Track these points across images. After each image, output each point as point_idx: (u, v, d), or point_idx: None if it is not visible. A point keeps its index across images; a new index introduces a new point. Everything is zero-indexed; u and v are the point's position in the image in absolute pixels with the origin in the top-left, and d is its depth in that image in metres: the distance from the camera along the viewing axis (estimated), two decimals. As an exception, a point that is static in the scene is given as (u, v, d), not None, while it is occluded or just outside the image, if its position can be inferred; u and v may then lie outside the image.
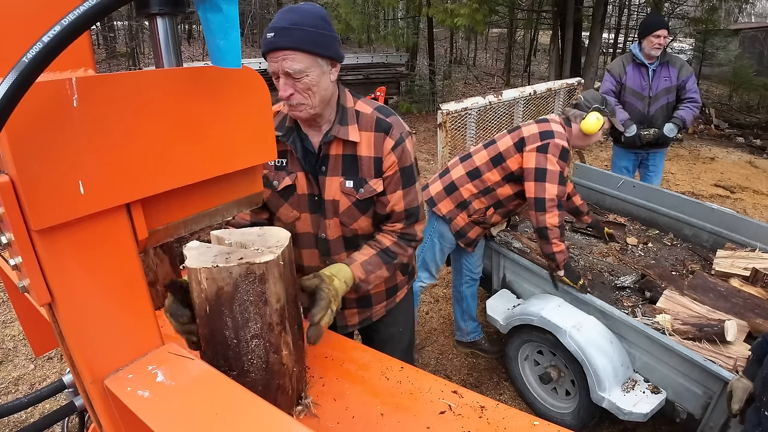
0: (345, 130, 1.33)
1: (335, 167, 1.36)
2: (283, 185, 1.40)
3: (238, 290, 0.92)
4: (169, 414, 0.71)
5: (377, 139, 1.33)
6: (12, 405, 1.09)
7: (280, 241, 1.01)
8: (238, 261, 0.92)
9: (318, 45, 1.19)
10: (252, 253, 0.96)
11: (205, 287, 0.93)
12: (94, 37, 12.91)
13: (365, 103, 1.40)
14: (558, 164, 2.29)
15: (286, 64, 1.18)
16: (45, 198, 0.63)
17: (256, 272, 0.93)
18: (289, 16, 1.18)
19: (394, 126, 1.35)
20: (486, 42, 19.58)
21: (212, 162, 0.82)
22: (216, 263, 0.91)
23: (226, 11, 0.69)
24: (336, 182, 1.36)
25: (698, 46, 14.18)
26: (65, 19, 0.52)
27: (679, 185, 6.34)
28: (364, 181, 1.35)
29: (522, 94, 3.65)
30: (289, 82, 1.21)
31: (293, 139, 1.36)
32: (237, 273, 0.91)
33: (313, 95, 1.24)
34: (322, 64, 1.22)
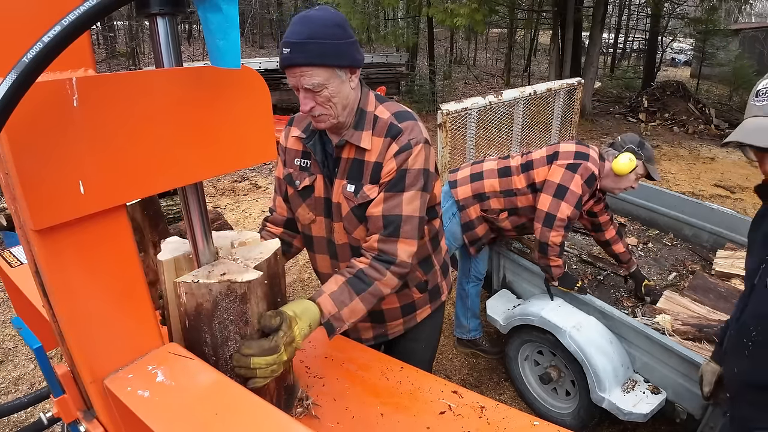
0: (358, 135, 1.29)
1: (344, 170, 1.32)
2: (303, 185, 1.39)
3: (218, 308, 0.88)
4: (169, 414, 0.71)
5: (384, 145, 1.27)
6: (12, 405, 1.09)
7: (262, 254, 0.96)
8: (219, 277, 0.87)
9: (334, 56, 1.16)
10: (237, 267, 0.92)
11: (184, 301, 0.89)
12: (94, 37, 12.91)
13: (387, 107, 1.32)
14: (582, 188, 2.25)
15: (304, 80, 1.16)
16: (45, 198, 0.63)
17: (237, 291, 0.88)
18: (303, 29, 1.14)
19: (404, 132, 1.26)
20: (486, 42, 19.58)
21: (212, 162, 0.82)
22: (197, 278, 0.87)
23: (225, 11, 0.69)
24: (340, 185, 1.33)
25: (698, 46, 14.18)
26: (65, 19, 0.52)
27: (679, 185, 6.34)
28: (362, 186, 1.30)
29: (522, 94, 3.64)
30: (309, 96, 1.19)
31: (314, 142, 1.34)
32: (217, 290, 0.87)
33: (335, 106, 1.22)
34: (340, 75, 1.20)
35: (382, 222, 1.25)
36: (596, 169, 2.28)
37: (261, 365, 0.94)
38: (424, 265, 1.51)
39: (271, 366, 0.95)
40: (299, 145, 1.40)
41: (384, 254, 1.24)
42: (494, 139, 3.76)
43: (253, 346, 0.93)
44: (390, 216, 1.24)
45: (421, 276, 1.50)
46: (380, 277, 1.22)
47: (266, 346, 0.94)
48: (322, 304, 1.14)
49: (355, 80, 1.25)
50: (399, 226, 1.24)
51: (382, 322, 1.54)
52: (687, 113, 9.66)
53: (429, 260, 1.52)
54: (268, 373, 0.95)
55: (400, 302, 1.51)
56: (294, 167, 1.41)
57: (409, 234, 1.26)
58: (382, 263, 1.23)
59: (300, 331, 1.04)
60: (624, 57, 19.19)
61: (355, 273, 1.22)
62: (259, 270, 0.93)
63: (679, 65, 19.62)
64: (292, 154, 1.42)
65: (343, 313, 1.16)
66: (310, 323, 1.08)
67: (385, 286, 1.23)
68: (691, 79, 14.46)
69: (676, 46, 19.52)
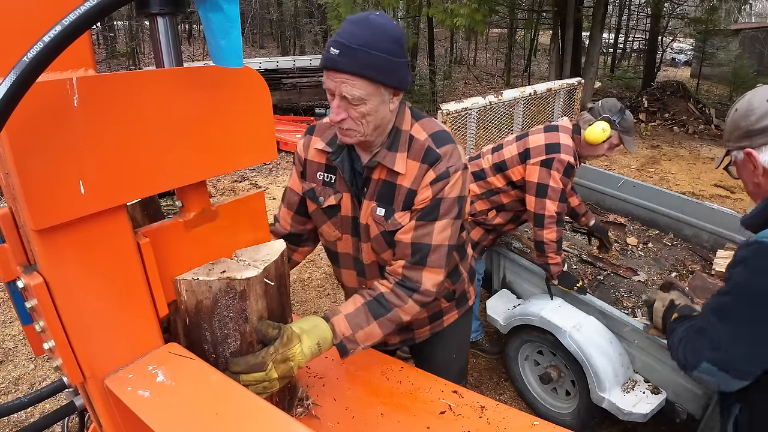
0: (392, 157, 1.19)
1: (373, 192, 1.24)
2: (328, 204, 1.30)
3: (218, 305, 0.89)
4: (169, 414, 0.71)
5: (420, 171, 1.18)
6: (12, 405, 1.09)
7: (269, 255, 0.96)
8: (219, 275, 0.88)
9: (384, 73, 1.07)
10: (236, 266, 0.92)
11: (184, 299, 0.89)
12: (94, 37, 12.91)
13: (424, 126, 1.23)
14: (561, 181, 2.23)
15: (344, 88, 1.06)
16: (45, 198, 0.63)
17: (236, 288, 0.88)
18: (360, 33, 1.05)
19: (443, 158, 1.17)
20: (486, 42, 19.58)
21: (212, 162, 0.82)
22: (197, 275, 0.88)
23: (226, 11, 0.69)
24: (369, 206, 1.25)
25: (698, 46, 14.17)
26: (66, 19, 0.52)
27: (679, 185, 6.34)
28: (393, 211, 1.22)
29: (522, 94, 3.64)
30: (343, 106, 1.10)
31: (342, 159, 1.24)
32: (217, 288, 0.87)
33: (367, 124, 1.13)
34: (383, 93, 1.11)
35: (410, 249, 1.19)
36: (570, 156, 2.25)
37: (250, 382, 0.93)
38: (452, 276, 1.46)
39: (261, 383, 0.93)
40: (323, 158, 1.30)
41: (408, 281, 1.19)
42: (494, 139, 3.76)
43: (240, 362, 0.93)
44: (419, 244, 1.19)
45: (449, 286, 1.46)
46: (401, 304, 1.18)
47: (252, 362, 0.93)
48: (335, 324, 1.11)
49: (396, 102, 1.16)
50: (426, 255, 1.19)
51: (409, 330, 1.51)
52: (687, 113, 9.66)
53: (457, 270, 1.48)
54: (260, 389, 0.94)
55: (428, 312, 1.48)
56: (317, 181, 1.31)
57: (437, 263, 1.20)
58: (405, 290, 1.19)
59: (305, 350, 1.01)
60: (624, 57, 19.19)
61: (375, 296, 1.18)
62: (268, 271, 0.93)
63: (679, 65, 19.62)
64: (314, 167, 1.32)
65: (358, 336, 1.13)
66: (318, 341, 1.05)
67: (405, 313, 1.19)
68: (691, 79, 14.46)
69: (676, 46, 19.52)
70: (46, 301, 0.68)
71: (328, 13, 11.08)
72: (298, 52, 17.23)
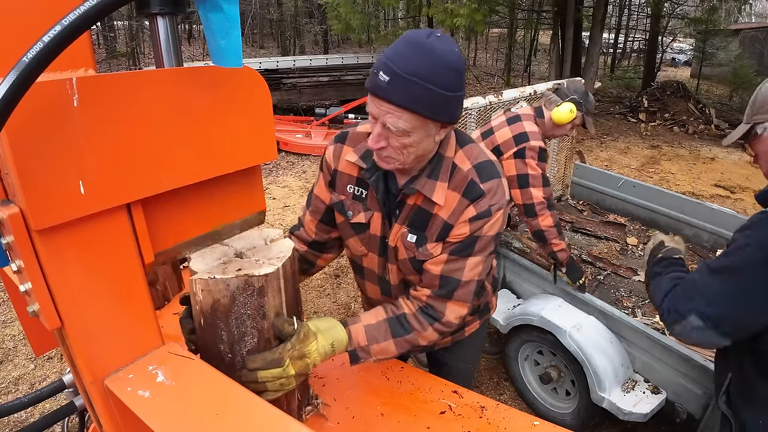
0: (431, 186, 1.12)
1: (406, 216, 1.19)
2: (357, 220, 1.25)
3: (235, 303, 0.88)
4: (169, 414, 0.71)
5: (459, 205, 1.12)
6: (12, 405, 1.09)
7: (282, 252, 0.96)
8: (236, 272, 0.87)
9: (436, 109, 0.98)
10: (251, 264, 0.91)
11: (200, 299, 0.88)
12: (94, 37, 12.91)
13: (468, 153, 1.15)
14: (538, 167, 2.26)
15: (389, 118, 0.98)
16: (45, 198, 0.63)
17: (254, 285, 0.87)
18: (417, 61, 0.93)
19: (486, 195, 1.11)
20: (486, 42, 19.57)
21: (212, 162, 0.82)
22: (213, 274, 0.86)
23: (226, 11, 0.69)
24: (401, 231, 1.20)
25: (698, 46, 14.17)
26: (65, 19, 0.52)
27: (679, 185, 6.34)
28: (425, 240, 1.17)
29: (522, 94, 3.64)
30: (384, 134, 1.02)
31: (377, 178, 1.18)
32: (234, 285, 0.86)
33: (408, 155, 1.05)
34: (431, 128, 1.02)
35: (438, 282, 1.15)
36: (540, 141, 2.27)
37: (268, 378, 0.92)
38: (478, 293, 1.41)
39: (278, 379, 0.93)
40: (354, 171, 1.23)
41: (431, 309, 1.16)
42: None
43: (258, 359, 0.92)
44: (448, 278, 1.15)
45: (474, 303, 1.41)
46: (421, 330, 1.15)
47: (269, 358, 0.92)
48: (353, 332, 1.09)
49: (442, 134, 1.07)
50: (454, 289, 1.15)
51: None
52: (687, 113, 9.66)
53: (482, 285, 1.45)
54: (278, 386, 0.93)
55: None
56: (346, 194, 1.25)
57: (463, 298, 1.17)
58: (427, 317, 1.16)
59: (319, 348, 0.99)
60: (624, 57, 19.18)
61: (397, 315, 1.16)
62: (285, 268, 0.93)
63: (679, 65, 19.62)
64: (345, 179, 1.25)
65: (373, 349, 1.11)
66: (333, 342, 1.03)
67: (423, 339, 1.16)
68: (691, 79, 14.46)
69: (676, 46, 19.51)
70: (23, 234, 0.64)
71: (328, 13, 11.08)
72: (298, 52, 17.23)
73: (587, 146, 7.87)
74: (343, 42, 19.83)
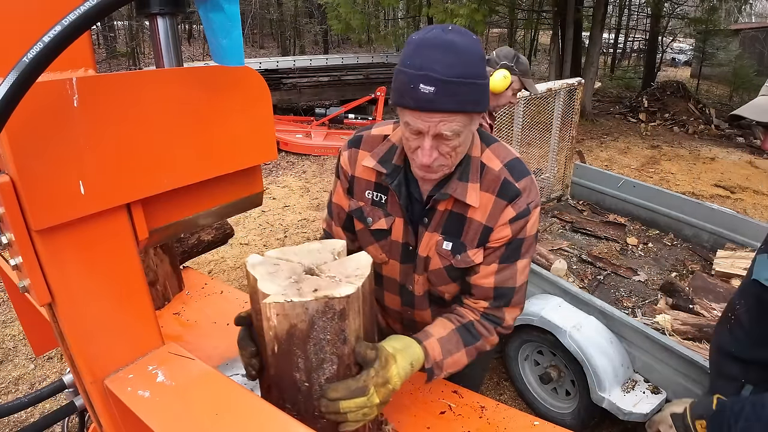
0: (464, 188, 1.08)
1: (438, 224, 1.14)
2: (377, 226, 1.20)
3: (314, 328, 0.79)
4: (169, 414, 0.71)
5: (496, 206, 1.09)
6: (12, 405, 1.09)
7: (360, 269, 0.86)
8: (314, 294, 0.78)
9: (479, 102, 0.95)
10: (327, 283, 0.82)
11: (274, 324, 0.79)
12: (94, 37, 12.91)
13: (496, 152, 1.13)
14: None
15: (442, 126, 0.93)
16: (45, 198, 0.63)
17: (335, 308, 0.78)
18: (452, 61, 0.90)
19: (523, 194, 1.08)
20: (486, 42, 19.57)
21: (212, 162, 0.82)
22: (288, 297, 0.77)
23: (227, 10, 0.69)
24: (434, 239, 1.15)
25: (698, 46, 14.18)
26: (65, 19, 0.52)
27: (679, 185, 6.34)
28: (463, 247, 1.13)
29: (522, 94, 3.64)
30: (435, 145, 0.98)
31: (398, 183, 1.13)
32: (314, 309, 0.77)
33: (456, 156, 1.02)
34: (475, 122, 1.01)
35: (494, 294, 1.14)
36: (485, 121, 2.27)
37: (351, 408, 0.83)
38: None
39: (362, 409, 0.84)
40: (372, 176, 1.19)
41: (493, 316, 1.15)
42: (494, 139, 3.76)
43: (340, 388, 0.83)
44: (503, 288, 1.13)
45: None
46: (488, 336, 1.14)
47: (353, 386, 0.84)
48: (429, 347, 1.03)
49: (477, 125, 1.04)
50: (511, 298, 1.15)
51: None
52: (687, 113, 9.66)
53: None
54: (360, 416, 0.85)
55: None
56: (365, 200, 1.21)
57: (519, 301, 1.17)
58: (491, 322, 1.14)
59: (399, 371, 0.91)
60: (624, 57, 19.19)
61: (464, 324, 1.12)
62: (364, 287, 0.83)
63: (679, 65, 19.62)
64: (363, 184, 1.21)
65: (446, 363, 1.06)
66: (411, 362, 0.97)
67: (489, 344, 1.15)
68: (691, 79, 14.47)
69: (676, 46, 19.52)
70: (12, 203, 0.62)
71: (328, 13, 11.08)
72: (298, 52, 17.24)
73: (587, 146, 7.87)
74: (343, 42, 19.84)
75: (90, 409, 0.88)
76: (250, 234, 4.73)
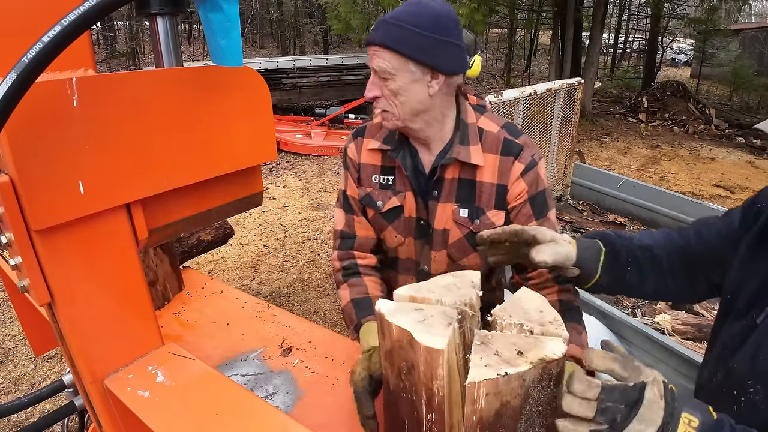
0: (467, 151, 1.12)
1: (450, 192, 1.16)
2: (389, 206, 1.21)
3: (527, 401, 0.64)
4: (168, 414, 0.71)
5: (503, 164, 1.13)
6: (12, 405, 1.09)
7: (544, 311, 0.72)
8: (524, 359, 0.63)
9: (411, 47, 1.01)
10: (526, 340, 0.67)
11: (481, 407, 0.62)
12: (94, 37, 12.91)
13: (490, 119, 1.19)
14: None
15: (374, 60, 1.04)
16: (45, 198, 0.63)
17: (552, 372, 0.64)
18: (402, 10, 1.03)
19: (525, 148, 1.13)
20: (486, 42, 19.57)
21: (212, 162, 0.82)
22: (500, 369, 0.61)
23: (226, 10, 0.69)
24: (449, 209, 1.17)
25: (698, 46, 14.18)
26: (65, 19, 0.52)
27: (679, 185, 6.34)
28: (481, 211, 1.15)
29: (522, 94, 3.64)
30: (377, 82, 1.07)
31: (403, 155, 1.17)
32: (531, 378, 0.62)
33: (400, 105, 1.06)
34: (414, 71, 1.03)
35: None
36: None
37: None
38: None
39: None
40: (377, 159, 1.23)
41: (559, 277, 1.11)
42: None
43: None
44: None
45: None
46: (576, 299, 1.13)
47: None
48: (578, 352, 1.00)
49: (436, 86, 1.06)
50: None
51: None
52: (687, 113, 9.67)
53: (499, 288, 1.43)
54: None
55: None
56: (372, 185, 1.23)
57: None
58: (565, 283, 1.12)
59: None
60: (624, 57, 19.20)
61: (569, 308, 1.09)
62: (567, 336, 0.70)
63: (679, 65, 19.63)
64: (369, 170, 1.24)
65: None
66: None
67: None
68: (691, 80, 14.47)
69: (676, 46, 19.52)
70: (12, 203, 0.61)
71: (328, 13, 11.08)
72: (298, 52, 17.23)
73: (587, 146, 7.87)
74: (343, 42, 19.83)
75: (90, 409, 0.88)
76: (250, 234, 4.73)
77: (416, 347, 0.65)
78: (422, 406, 0.69)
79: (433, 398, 0.67)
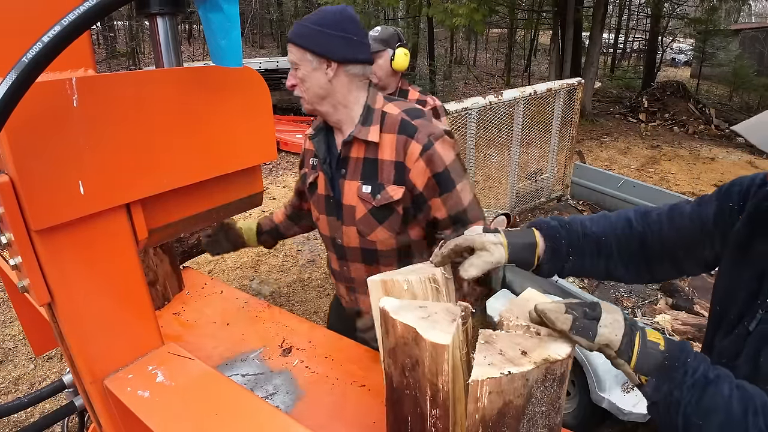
0: (366, 130, 1.27)
1: (355, 171, 1.30)
2: (310, 181, 1.43)
3: (530, 401, 0.65)
4: (168, 414, 0.71)
5: (400, 143, 1.25)
6: (12, 405, 1.09)
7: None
8: (528, 359, 0.64)
9: (309, 41, 1.20)
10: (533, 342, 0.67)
11: (484, 405, 0.63)
12: (94, 37, 12.90)
13: (397, 104, 1.31)
14: None
15: (289, 55, 1.25)
16: (45, 198, 0.63)
17: (556, 372, 0.65)
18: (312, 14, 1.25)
19: (420, 129, 1.24)
20: (486, 42, 19.57)
21: (212, 162, 0.82)
22: (503, 368, 0.62)
23: (226, 10, 0.69)
24: (354, 186, 1.30)
25: (698, 46, 14.18)
26: (65, 19, 0.52)
27: (679, 185, 6.34)
28: (381, 186, 1.27)
29: (522, 94, 3.64)
30: (293, 72, 1.27)
31: (319, 140, 1.37)
32: (534, 378, 0.63)
33: (306, 90, 1.26)
34: (311, 60, 1.22)
35: (450, 221, 1.28)
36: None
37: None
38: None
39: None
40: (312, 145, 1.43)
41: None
42: (494, 139, 3.76)
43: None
44: (455, 214, 1.28)
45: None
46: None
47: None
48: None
49: (330, 73, 1.23)
50: (466, 216, 1.28)
51: None
52: (687, 113, 9.66)
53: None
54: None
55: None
56: (308, 166, 1.46)
57: (476, 215, 1.29)
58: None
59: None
60: (624, 57, 19.20)
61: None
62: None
63: (679, 65, 19.63)
64: (309, 154, 1.47)
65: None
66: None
67: None
68: (691, 80, 14.47)
69: (676, 46, 19.51)
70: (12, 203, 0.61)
71: (328, 13, 11.07)
72: (298, 52, 17.18)
73: (587, 146, 7.87)
74: (343, 42, 19.79)
75: (90, 409, 0.88)
76: (250, 234, 4.73)
77: (421, 343, 0.65)
78: (426, 402, 0.69)
79: (438, 394, 0.67)
